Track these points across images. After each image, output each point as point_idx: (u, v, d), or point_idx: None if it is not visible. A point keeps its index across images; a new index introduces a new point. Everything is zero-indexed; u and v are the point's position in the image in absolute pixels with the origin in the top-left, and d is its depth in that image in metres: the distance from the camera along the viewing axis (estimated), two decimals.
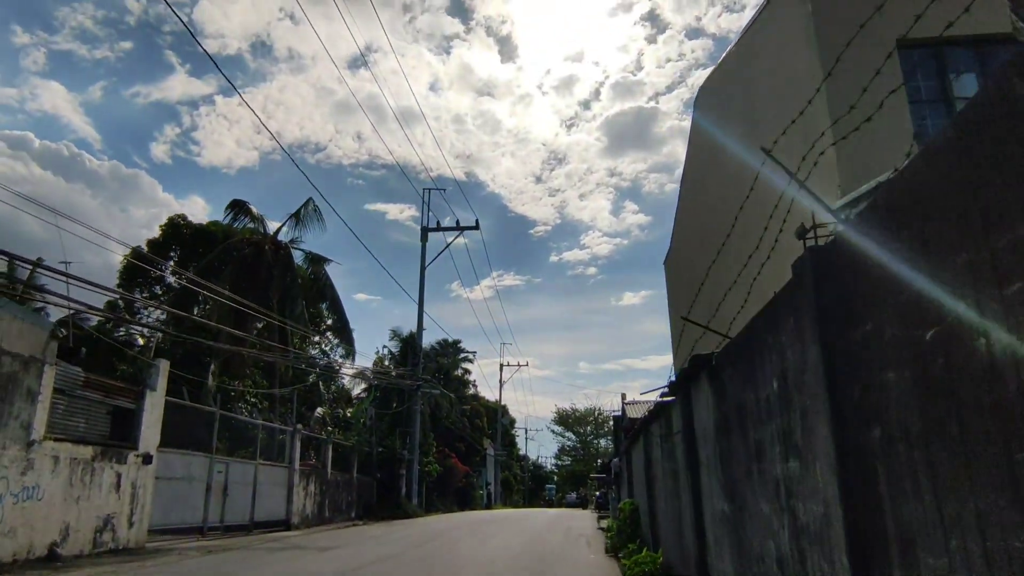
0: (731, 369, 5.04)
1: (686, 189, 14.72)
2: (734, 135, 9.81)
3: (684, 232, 14.58)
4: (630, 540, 11.90)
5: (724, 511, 5.48)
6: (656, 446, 9.68)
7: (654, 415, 9.39)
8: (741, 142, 9.24)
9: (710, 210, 12.43)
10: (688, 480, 6.76)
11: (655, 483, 10.12)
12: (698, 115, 12.89)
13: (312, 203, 25.45)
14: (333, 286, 25.84)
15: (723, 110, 10.99)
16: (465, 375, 56.05)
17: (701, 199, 13.36)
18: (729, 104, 10.47)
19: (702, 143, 12.89)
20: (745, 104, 9.60)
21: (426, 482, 37.59)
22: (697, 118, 12.93)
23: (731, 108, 10.37)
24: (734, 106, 10.15)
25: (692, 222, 13.65)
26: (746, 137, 9.03)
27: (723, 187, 10.79)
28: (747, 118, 9.43)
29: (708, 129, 11.83)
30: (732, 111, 10.31)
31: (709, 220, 12.36)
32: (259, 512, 19.84)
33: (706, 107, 11.96)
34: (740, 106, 9.78)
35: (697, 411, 6.49)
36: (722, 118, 10.97)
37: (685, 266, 14.29)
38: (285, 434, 22.96)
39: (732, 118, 10.20)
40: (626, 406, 15.91)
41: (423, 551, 13.89)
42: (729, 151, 10.14)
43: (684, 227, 14.66)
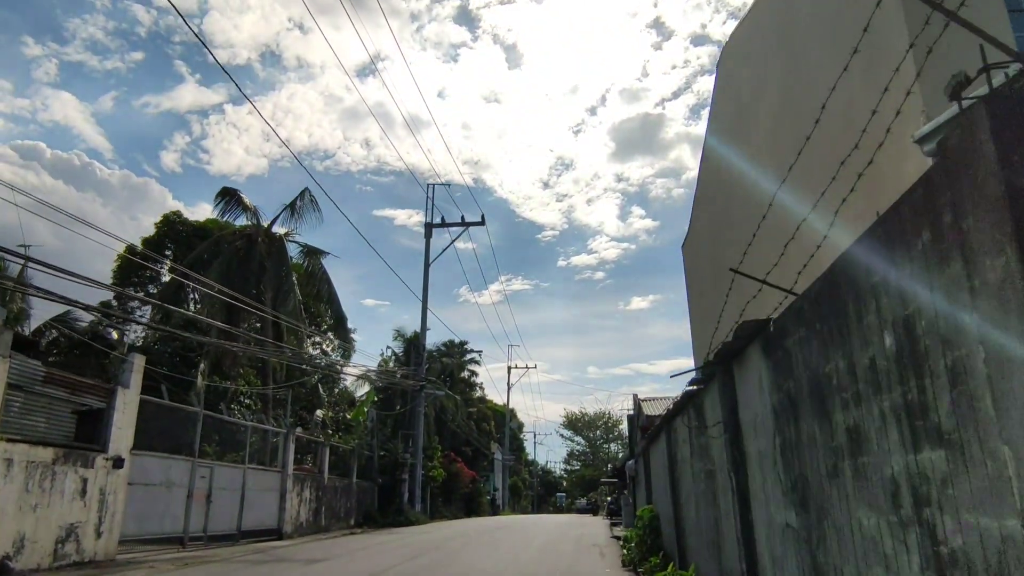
0: (803, 331, 3.72)
1: (708, 166, 13.41)
2: (772, 79, 8.52)
3: (707, 210, 13.26)
4: (651, 552, 10.55)
5: (789, 523, 4.14)
6: (683, 443, 8.34)
7: (680, 407, 8.06)
8: (783, 82, 7.96)
9: (737, 181, 11.11)
10: (731, 482, 5.42)
11: (681, 486, 8.77)
12: (724, 74, 11.58)
13: (308, 194, 24.25)
14: (330, 280, 24.64)
15: (756, 59, 9.68)
16: (472, 377, 54.74)
17: (726, 173, 12.04)
18: (763, 51, 9.18)
19: (728, 107, 11.58)
20: (783, 45, 8.30)
21: (430, 487, 36.25)
22: (723, 78, 11.62)
23: (765, 54, 9.06)
24: (768, 51, 8.85)
25: (717, 196, 12.33)
26: (789, 75, 7.74)
27: (758, 141, 9.48)
28: (788, 57, 8.12)
29: (737, 85, 10.52)
30: (766, 56, 9.00)
31: (737, 190, 11.05)
32: (248, 520, 18.57)
33: (734, 60, 10.66)
34: (776, 48, 8.49)
35: (744, 395, 5.16)
36: (755, 68, 9.66)
37: (708, 246, 12.96)
38: (279, 437, 21.70)
39: (767, 63, 8.90)
40: (642, 403, 14.57)
41: (418, 565, 12.57)
42: (767, 100, 8.84)
43: (707, 206, 13.34)
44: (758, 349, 4.68)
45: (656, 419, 12.89)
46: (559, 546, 16.30)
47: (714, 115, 12.86)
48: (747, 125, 10.21)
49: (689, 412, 7.67)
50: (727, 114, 11.78)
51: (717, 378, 5.79)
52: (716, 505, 6.44)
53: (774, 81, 8.62)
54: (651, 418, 13.11)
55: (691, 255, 14.41)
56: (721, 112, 12.21)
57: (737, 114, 10.97)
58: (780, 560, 4.38)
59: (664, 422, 9.67)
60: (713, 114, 12.93)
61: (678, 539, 8.94)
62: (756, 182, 10.07)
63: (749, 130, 10.14)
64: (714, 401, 6.12)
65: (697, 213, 14.50)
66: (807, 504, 3.80)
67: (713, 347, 5.63)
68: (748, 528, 5.14)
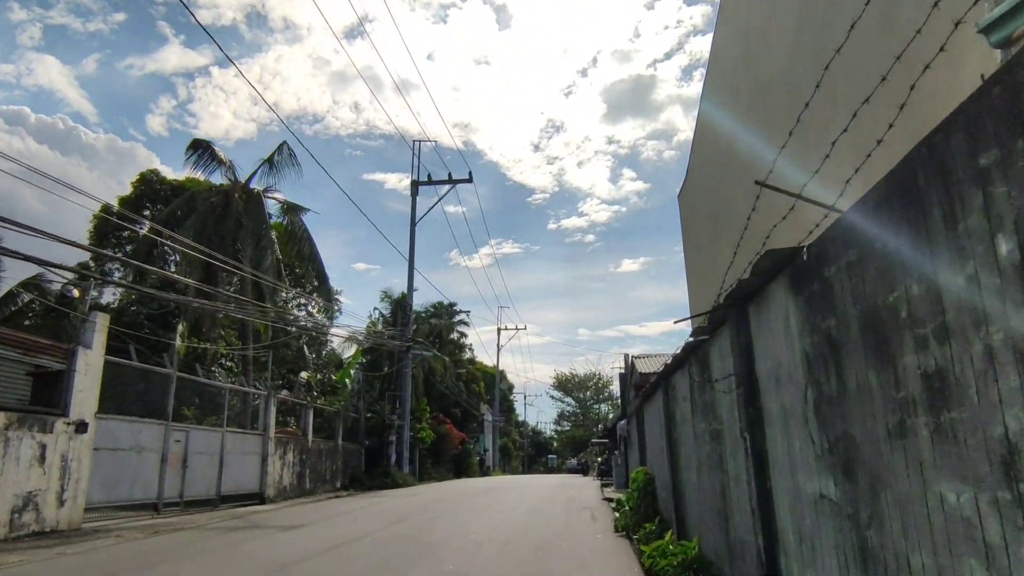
0: (853, 253, 2.91)
1: (708, 109, 12.48)
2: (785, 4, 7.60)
3: (707, 157, 12.38)
4: (645, 518, 9.94)
5: (824, 494, 3.40)
6: (682, 401, 7.61)
7: (680, 361, 7.31)
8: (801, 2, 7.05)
9: (742, 123, 10.22)
10: (745, 444, 4.68)
11: (679, 448, 8.08)
12: (729, 1, 10.58)
13: (287, 147, 23.07)
14: (311, 238, 23.57)
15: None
16: (461, 339, 54.11)
17: (729, 116, 11.13)
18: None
19: (733, 39, 10.61)
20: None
21: (419, 449, 35.82)
22: (729, 4, 10.62)
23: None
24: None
25: (718, 142, 11.45)
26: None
27: (771, 74, 8.59)
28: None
29: (745, 13, 9.56)
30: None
31: (741, 134, 10.17)
32: (227, 485, 17.93)
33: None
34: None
35: (763, 342, 4.39)
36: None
37: (708, 196, 12.12)
38: (260, 399, 20.98)
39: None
40: (635, 360, 13.86)
41: (400, 530, 11.95)
42: (779, 26, 7.92)
43: (707, 152, 12.46)
44: (784, 285, 3.88)
45: (651, 376, 12.20)
46: (548, 509, 15.76)
47: (716, 53, 11.90)
48: (756, 58, 9.30)
49: (691, 366, 6.92)
50: (731, 48, 10.83)
51: (728, 324, 5.01)
52: (723, 470, 5.73)
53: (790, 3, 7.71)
54: (645, 376, 12.42)
55: (688, 205, 13.56)
56: (724, 47, 11.25)
57: (744, 48, 10.03)
58: (810, 537, 3.65)
59: (661, 379, 8.95)
60: (714, 52, 11.96)
61: (676, 505, 8.29)
62: (767, 119, 9.20)
63: (759, 64, 9.23)
64: (723, 352, 5.35)
65: (695, 161, 13.61)
66: (852, 471, 3.05)
67: (725, 289, 4.84)
68: (766, 497, 4.41)
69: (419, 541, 10.32)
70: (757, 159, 9.27)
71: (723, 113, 11.35)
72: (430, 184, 34.84)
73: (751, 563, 4.85)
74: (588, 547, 9.52)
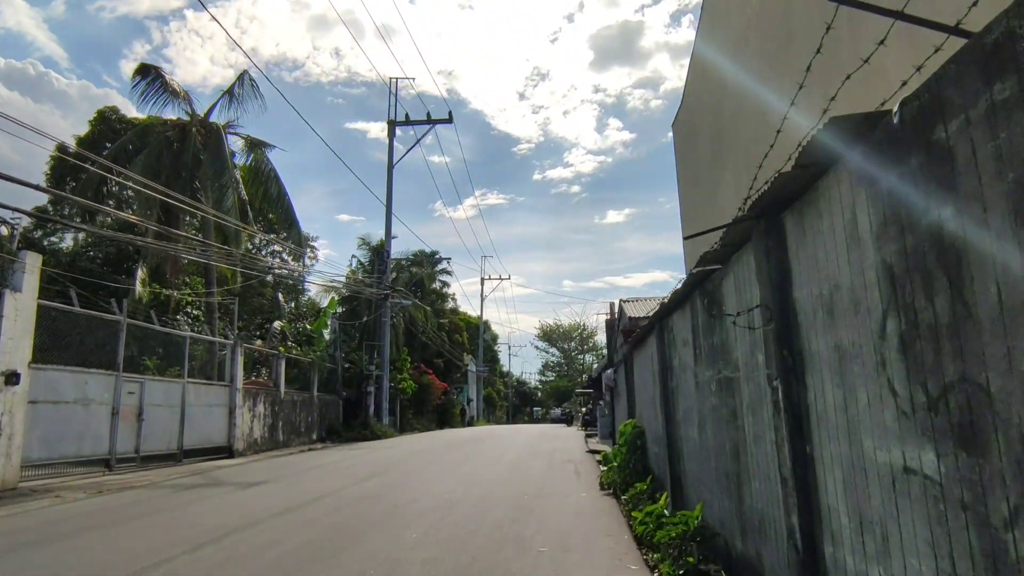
0: (1007, 86, 1.76)
1: (709, 22, 11.14)
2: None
3: (707, 77, 11.10)
4: (635, 476, 9.02)
5: (914, 467, 2.33)
6: (682, 345, 6.55)
7: (681, 298, 6.21)
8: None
9: (750, 34, 8.95)
10: (776, 396, 3.61)
11: (677, 399, 7.06)
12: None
13: (248, 77, 21.32)
14: (278, 177, 21.94)
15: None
16: (443, 288, 52.97)
17: (734, 28, 9.82)
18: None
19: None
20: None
21: (400, 400, 35.02)
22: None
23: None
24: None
25: (721, 56, 10.16)
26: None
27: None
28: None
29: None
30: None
31: (748, 47, 8.91)
32: (191, 438, 16.92)
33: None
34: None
35: (805, 261, 3.27)
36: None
37: (708, 120, 10.89)
38: (226, 349, 19.84)
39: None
40: (624, 304, 12.82)
41: (368, 487, 11.00)
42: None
43: (706, 72, 11.18)
44: (848, 175, 2.75)
45: (641, 321, 11.16)
46: (530, 463, 14.90)
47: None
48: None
49: (695, 302, 5.83)
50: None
51: (753, 243, 3.88)
52: (737, 426, 4.69)
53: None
54: (634, 320, 11.40)
55: (684, 133, 12.33)
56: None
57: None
58: (880, 524, 2.60)
59: (655, 321, 7.88)
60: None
61: (671, 463, 7.31)
62: (773, 32, 7.94)
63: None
64: (743, 280, 4.25)
65: (693, 81, 12.31)
66: (976, 438, 1.96)
67: (753, 193, 3.69)
68: (804, 465, 3.37)
69: (386, 501, 9.35)
70: (768, 68, 8.04)
71: (726, 26, 10.05)
72: (408, 124, 33.22)
73: (777, 543, 3.85)
74: (571, 509, 8.58)
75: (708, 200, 10.82)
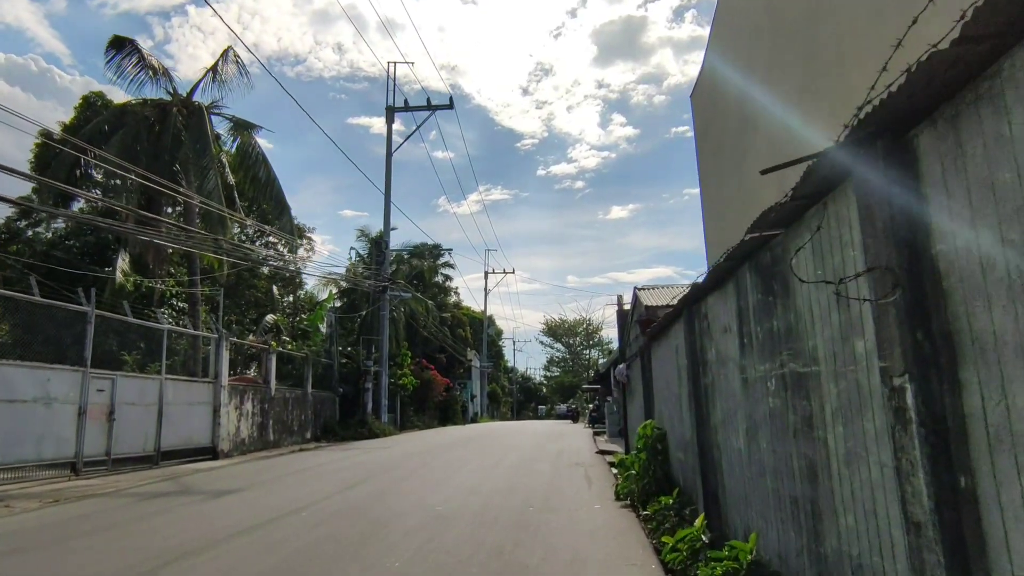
0: None
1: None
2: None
3: (730, 41, 9.83)
4: (657, 487, 7.77)
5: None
6: (722, 333, 5.28)
7: (723, 274, 4.94)
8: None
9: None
10: (903, 401, 2.34)
11: (713, 399, 5.80)
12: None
13: (233, 53, 20.04)
14: (267, 160, 20.60)
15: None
16: (446, 282, 51.71)
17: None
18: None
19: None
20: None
21: (400, 396, 33.81)
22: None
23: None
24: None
25: (749, 14, 8.89)
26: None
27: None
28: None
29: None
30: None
31: None
32: (169, 439, 15.73)
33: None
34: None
35: (957, 195, 1.99)
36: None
37: (732, 87, 9.61)
38: (210, 343, 18.65)
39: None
40: (640, 292, 11.55)
41: (353, 496, 9.78)
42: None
43: (730, 36, 9.90)
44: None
45: (660, 310, 9.90)
46: (535, 466, 13.66)
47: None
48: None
49: (743, 279, 4.56)
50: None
51: (860, 178, 2.61)
52: (814, 438, 3.44)
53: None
54: (653, 309, 10.12)
55: (705, 102, 11.06)
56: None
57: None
58: None
59: (683, 306, 6.62)
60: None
61: (704, 476, 6.05)
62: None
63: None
64: (831, 239, 2.98)
65: (715, 49, 11.03)
66: None
67: (870, 100, 2.42)
68: (955, 507, 2.12)
69: (370, 515, 8.12)
70: (804, 31, 6.76)
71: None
72: (407, 110, 31.94)
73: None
74: (584, 526, 7.33)
75: (734, 169, 9.57)
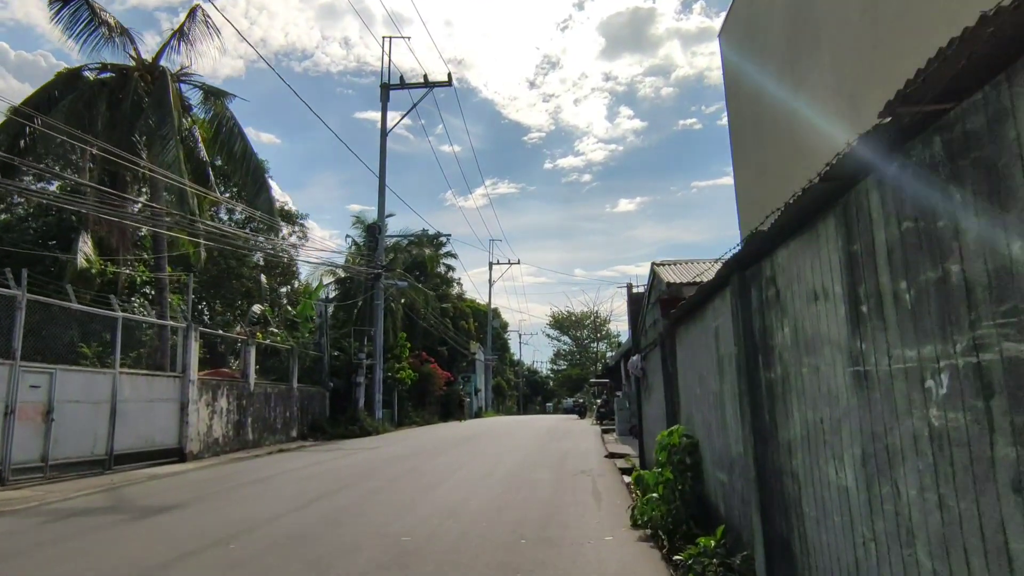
0: None
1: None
2: None
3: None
4: (688, 514, 5.89)
5: None
6: (808, 303, 3.36)
7: (820, 201, 3.04)
8: None
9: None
10: None
11: (786, 403, 3.88)
12: None
13: (201, 12, 18.16)
14: (242, 133, 18.64)
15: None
16: (448, 272, 49.84)
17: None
18: None
19: None
20: None
21: (397, 391, 32.01)
22: None
23: None
24: None
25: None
26: None
27: None
28: None
29: None
30: None
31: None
32: (126, 440, 13.97)
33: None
34: None
35: None
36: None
37: (778, 13, 7.68)
38: (178, 333, 16.87)
39: None
40: (658, 268, 9.67)
41: (308, 517, 7.94)
42: None
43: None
44: None
45: (688, 288, 8.00)
46: (534, 475, 11.79)
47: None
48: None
49: (869, 197, 2.66)
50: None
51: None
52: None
53: None
54: (676, 287, 8.21)
55: (740, 33, 9.15)
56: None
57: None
58: None
59: (731, 270, 4.74)
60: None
61: (767, 515, 4.17)
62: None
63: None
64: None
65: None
66: None
67: None
68: None
69: (313, 551, 6.27)
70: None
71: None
72: (403, 87, 30.04)
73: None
74: (591, 568, 5.45)
75: (769, 112, 7.67)
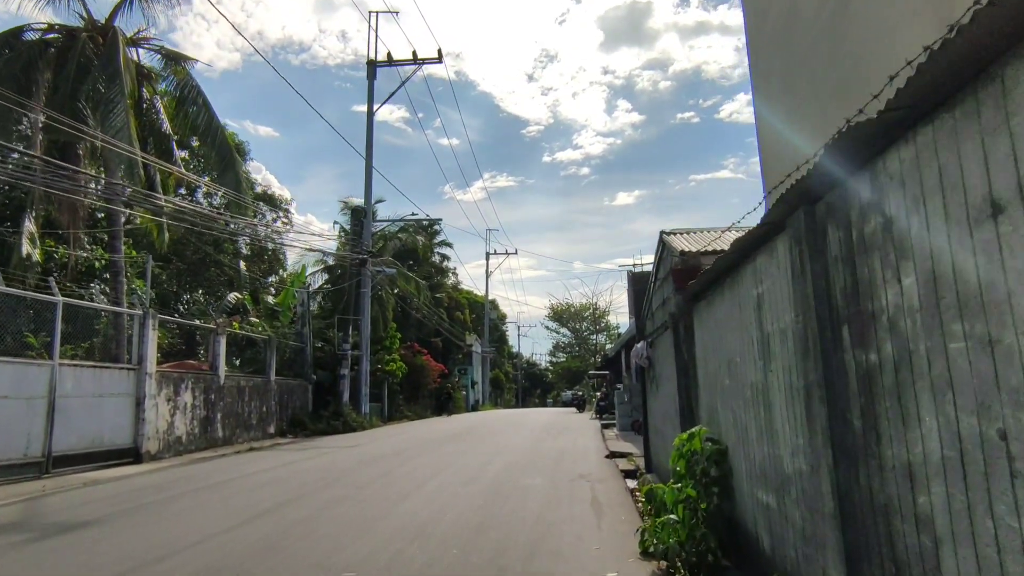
0: None
1: None
2: None
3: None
4: (716, 540, 4.33)
5: None
6: (983, 221, 1.77)
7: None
8: None
9: None
10: None
11: (900, 402, 2.29)
12: None
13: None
14: (207, 103, 17.00)
15: None
16: (444, 262, 48.24)
17: None
18: None
19: None
20: None
21: (388, 384, 30.48)
22: None
23: None
24: None
25: None
26: None
27: None
28: None
29: None
30: None
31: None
32: (68, 440, 12.41)
33: None
34: None
35: None
36: None
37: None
38: (133, 320, 15.31)
39: None
40: (668, 237, 8.11)
41: (247, 538, 6.38)
42: None
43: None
44: None
45: (708, 256, 6.43)
46: (525, 480, 10.22)
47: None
48: None
49: None
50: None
51: None
52: None
53: None
54: (693, 256, 6.63)
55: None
56: None
57: None
58: None
59: (793, 207, 3.18)
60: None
61: (855, 566, 2.64)
62: None
63: None
64: None
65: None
66: None
67: None
68: None
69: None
70: None
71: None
72: (391, 64, 28.43)
73: None
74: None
75: (806, 54, 6.10)
